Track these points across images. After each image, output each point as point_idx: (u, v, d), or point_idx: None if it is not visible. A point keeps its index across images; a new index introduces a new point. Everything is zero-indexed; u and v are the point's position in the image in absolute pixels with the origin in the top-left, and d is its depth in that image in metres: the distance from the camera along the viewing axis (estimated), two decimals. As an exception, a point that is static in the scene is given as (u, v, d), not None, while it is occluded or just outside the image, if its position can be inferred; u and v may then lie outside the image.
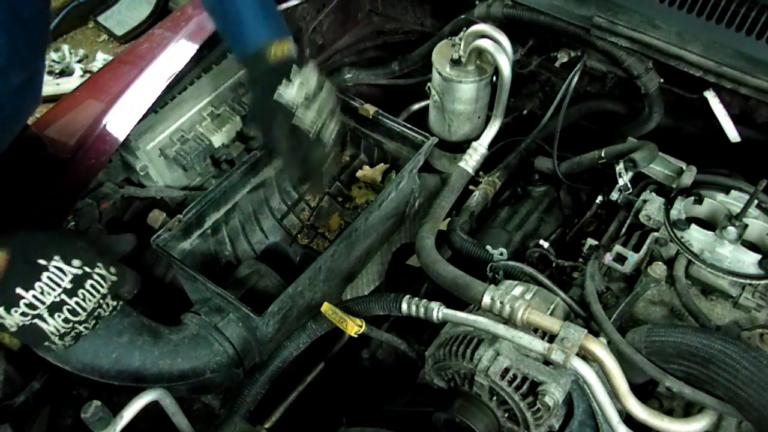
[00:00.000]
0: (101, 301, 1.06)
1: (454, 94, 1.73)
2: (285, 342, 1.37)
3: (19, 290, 0.96)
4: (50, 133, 1.44)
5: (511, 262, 1.37)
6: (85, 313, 1.04)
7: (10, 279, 0.95)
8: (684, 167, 1.46)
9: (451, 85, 1.71)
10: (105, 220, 1.50)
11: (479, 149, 1.71)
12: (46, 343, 1.01)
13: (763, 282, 1.24)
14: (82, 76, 3.87)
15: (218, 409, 1.40)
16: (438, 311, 1.20)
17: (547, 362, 1.10)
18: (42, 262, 0.98)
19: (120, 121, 1.44)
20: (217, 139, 1.61)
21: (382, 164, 1.81)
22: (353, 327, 1.23)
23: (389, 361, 1.48)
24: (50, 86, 3.60)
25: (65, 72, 3.88)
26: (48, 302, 0.98)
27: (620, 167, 1.45)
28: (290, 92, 1.25)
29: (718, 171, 1.48)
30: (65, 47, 3.98)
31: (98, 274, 1.04)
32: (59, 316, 1.00)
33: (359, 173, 1.83)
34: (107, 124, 1.43)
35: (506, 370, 1.11)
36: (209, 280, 1.30)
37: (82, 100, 1.50)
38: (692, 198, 1.37)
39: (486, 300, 1.18)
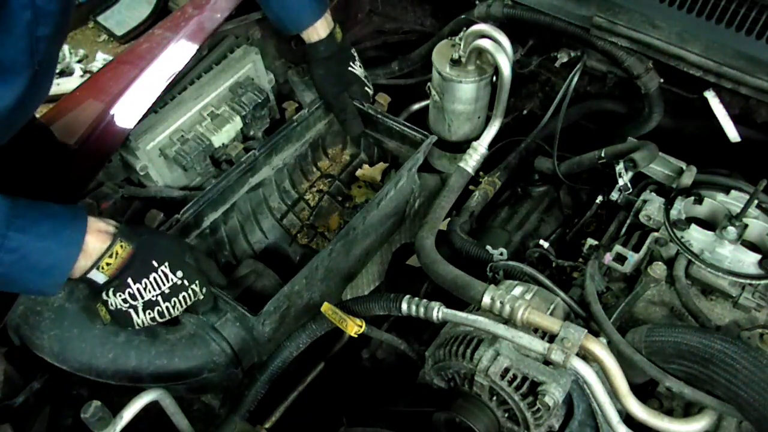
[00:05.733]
0: (183, 311, 1.22)
1: (454, 94, 1.72)
2: (285, 342, 1.37)
3: (129, 280, 1.13)
4: (50, 132, 1.45)
5: (511, 262, 1.37)
6: (168, 317, 1.20)
7: (126, 269, 1.12)
8: (684, 167, 1.46)
9: (451, 85, 1.70)
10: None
11: (479, 149, 1.71)
12: (129, 327, 1.18)
13: (763, 282, 1.24)
14: (82, 76, 3.86)
15: (218, 408, 1.40)
16: (438, 311, 1.20)
17: (547, 362, 1.10)
18: (154, 263, 1.15)
19: (120, 121, 1.44)
20: (217, 139, 1.61)
21: (382, 163, 1.81)
22: (353, 327, 1.23)
23: (389, 361, 1.48)
24: (50, 86, 3.59)
25: (65, 72, 3.87)
26: (146, 298, 1.15)
27: (620, 167, 1.45)
28: (360, 70, 1.67)
29: (718, 171, 1.48)
30: (65, 47, 3.97)
31: (192, 290, 1.20)
32: (149, 314, 1.17)
33: (359, 172, 1.83)
34: (107, 124, 1.43)
35: (506, 370, 1.11)
36: None
37: (82, 100, 1.50)
38: (692, 198, 1.37)
39: (486, 300, 1.18)
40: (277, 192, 1.74)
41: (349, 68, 1.65)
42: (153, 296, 1.15)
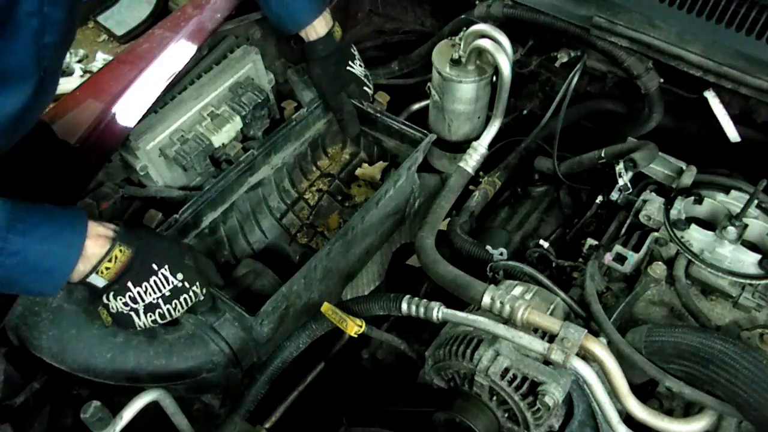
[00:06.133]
0: (184, 312, 1.21)
1: (454, 94, 1.72)
2: (285, 342, 1.37)
3: (129, 284, 1.12)
4: (50, 132, 1.44)
5: (511, 262, 1.37)
6: (170, 319, 1.20)
7: (126, 273, 1.12)
8: (684, 167, 1.46)
9: (451, 85, 1.70)
10: (105, 220, 1.50)
11: (479, 149, 1.71)
12: (131, 329, 1.19)
13: (763, 282, 1.24)
14: (82, 76, 3.86)
15: (218, 408, 1.40)
16: (438, 311, 1.20)
17: (547, 362, 1.10)
18: (154, 266, 1.15)
19: (120, 120, 1.44)
20: (217, 139, 1.61)
21: (382, 162, 1.81)
22: (353, 327, 1.23)
23: (389, 361, 1.48)
24: (50, 86, 3.59)
25: (65, 72, 3.86)
26: (147, 301, 1.15)
27: (620, 167, 1.45)
28: (359, 69, 1.67)
29: (718, 171, 1.48)
30: (65, 47, 3.97)
31: (193, 291, 1.20)
32: (150, 316, 1.17)
33: (358, 171, 1.83)
34: (107, 124, 1.43)
35: (506, 370, 1.11)
36: None
37: (82, 100, 1.49)
38: (692, 198, 1.37)
39: (486, 300, 1.18)
40: (276, 191, 1.74)
41: (348, 67, 1.66)
42: (154, 299, 1.15)
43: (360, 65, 1.69)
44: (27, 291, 1.14)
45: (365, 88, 1.70)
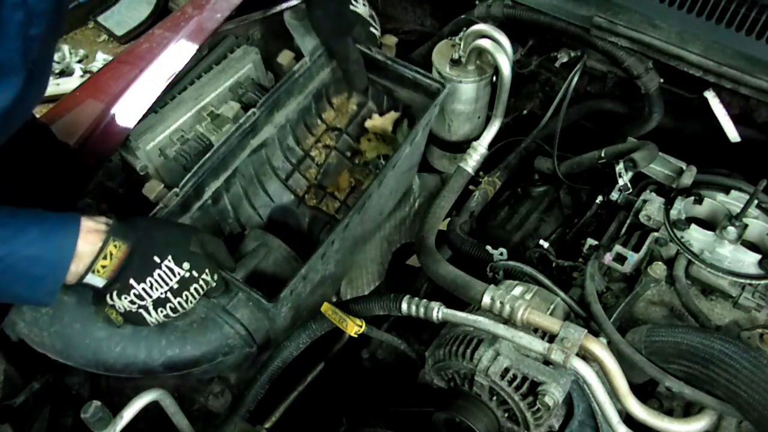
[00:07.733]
0: (198, 302, 1.16)
1: (454, 94, 1.73)
2: (285, 342, 1.36)
3: (131, 281, 1.06)
4: (50, 133, 1.44)
5: (511, 262, 1.37)
6: (182, 311, 1.14)
7: (125, 270, 1.05)
8: (684, 167, 1.46)
9: (451, 85, 1.70)
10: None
11: (479, 149, 1.71)
12: (145, 326, 1.13)
13: (763, 282, 1.24)
14: (82, 76, 3.86)
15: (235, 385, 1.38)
16: (438, 311, 1.20)
17: (547, 362, 1.10)
18: (156, 259, 1.08)
19: (120, 121, 1.44)
20: (217, 139, 1.61)
21: (393, 112, 1.68)
22: (353, 327, 1.23)
23: (389, 361, 1.48)
24: (50, 86, 3.57)
25: (65, 72, 3.87)
26: (154, 297, 1.08)
27: (620, 167, 1.45)
28: (363, 8, 1.58)
29: (718, 171, 1.48)
30: (65, 47, 3.97)
31: (203, 280, 1.14)
32: (161, 312, 1.11)
33: (368, 123, 1.69)
34: (107, 124, 1.43)
35: (506, 370, 1.11)
36: None
37: (82, 100, 1.50)
38: (692, 198, 1.37)
39: (486, 300, 1.18)
40: (280, 150, 1.63)
41: (351, 6, 1.54)
42: (162, 294, 1.09)
43: (364, 4, 1.57)
44: (20, 299, 1.09)
45: (372, 29, 1.58)
